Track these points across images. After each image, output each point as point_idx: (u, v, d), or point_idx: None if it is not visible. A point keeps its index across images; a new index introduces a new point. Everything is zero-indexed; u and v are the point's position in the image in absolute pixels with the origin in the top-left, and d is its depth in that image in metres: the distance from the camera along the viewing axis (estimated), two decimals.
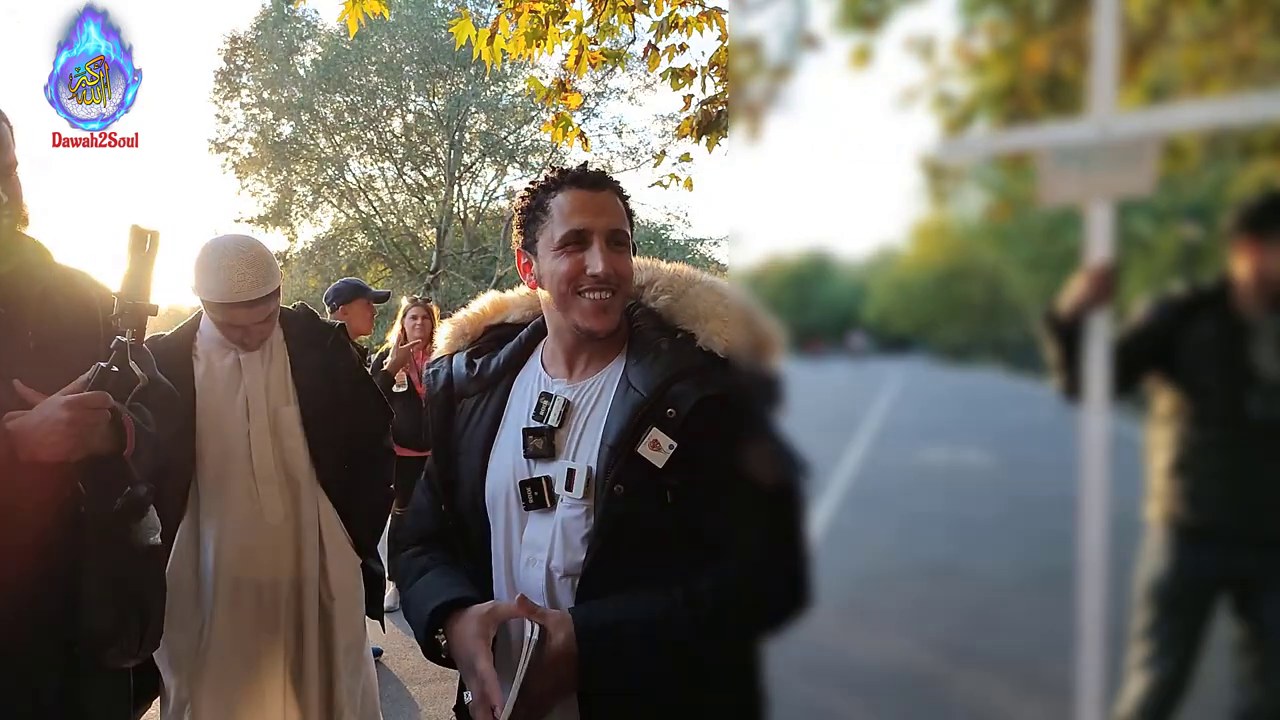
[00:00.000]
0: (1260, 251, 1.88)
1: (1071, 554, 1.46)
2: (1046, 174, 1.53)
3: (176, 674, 2.30)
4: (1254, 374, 1.86)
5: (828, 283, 2.33)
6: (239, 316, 2.25)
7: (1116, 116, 1.47)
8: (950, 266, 2.34)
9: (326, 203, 23.17)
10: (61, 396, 1.45)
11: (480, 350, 1.51)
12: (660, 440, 1.27)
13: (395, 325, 4.89)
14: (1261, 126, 1.56)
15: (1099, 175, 1.50)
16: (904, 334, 2.77)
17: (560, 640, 1.23)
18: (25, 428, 1.43)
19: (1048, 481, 1.78)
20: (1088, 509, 1.52)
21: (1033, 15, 1.72)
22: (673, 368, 1.31)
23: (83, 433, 1.45)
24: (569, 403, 1.37)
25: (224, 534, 2.28)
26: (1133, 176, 1.48)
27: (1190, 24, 1.63)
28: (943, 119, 1.69)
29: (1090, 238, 1.55)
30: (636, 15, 4.13)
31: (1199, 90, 1.63)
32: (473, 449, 1.44)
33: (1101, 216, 1.53)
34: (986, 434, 6.64)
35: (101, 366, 1.50)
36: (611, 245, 1.35)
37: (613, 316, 1.36)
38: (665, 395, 1.29)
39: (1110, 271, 1.58)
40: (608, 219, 1.36)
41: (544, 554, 1.34)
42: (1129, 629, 2.06)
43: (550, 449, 1.36)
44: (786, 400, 1.36)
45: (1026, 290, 2.10)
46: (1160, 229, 1.97)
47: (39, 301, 1.57)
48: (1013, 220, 1.96)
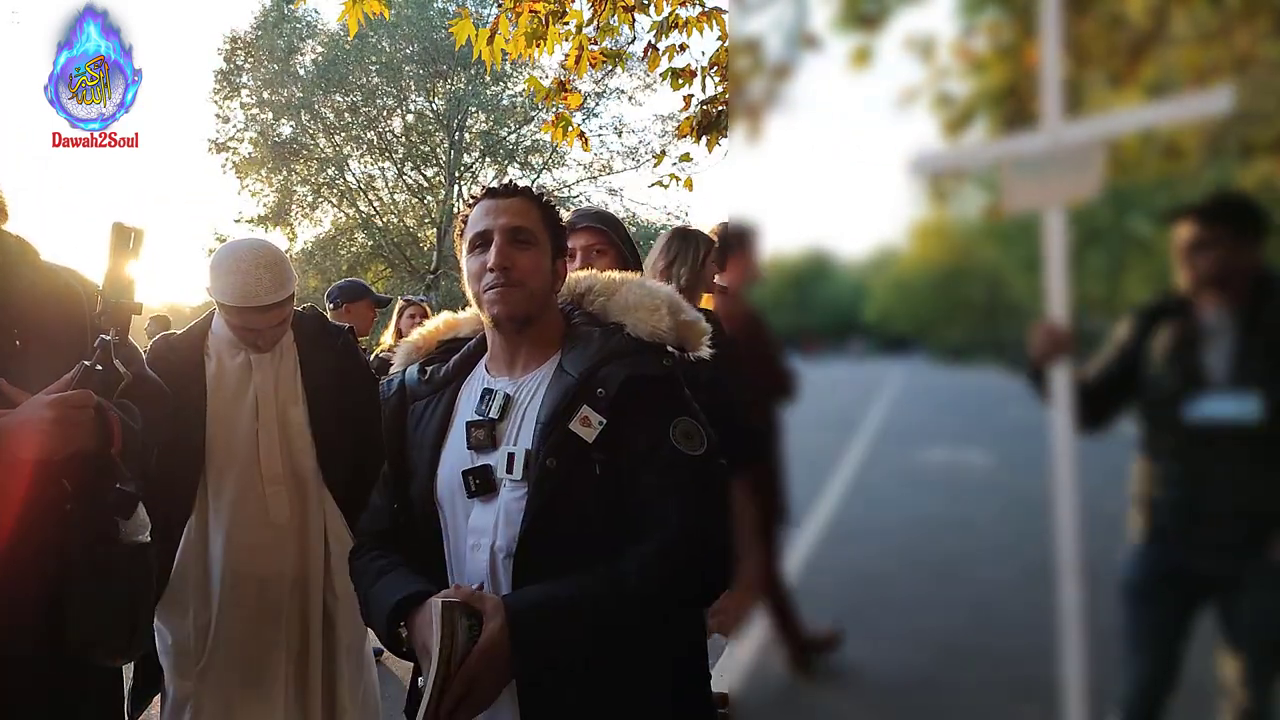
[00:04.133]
0: (1219, 246, 1.86)
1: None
2: (1008, 183, 1.62)
3: (179, 671, 2.30)
4: (1202, 377, 1.86)
5: (828, 283, 2.33)
6: (254, 320, 2.26)
7: (1066, 126, 1.56)
8: (950, 266, 2.35)
9: (326, 203, 23.17)
10: (45, 395, 1.45)
11: (432, 360, 1.61)
12: (590, 417, 1.37)
13: (390, 325, 4.89)
14: (1193, 126, 1.62)
15: (1052, 182, 1.59)
16: (904, 334, 2.77)
17: (495, 627, 1.28)
18: (9, 426, 1.43)
19: (1048, 481, 1.79)
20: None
21: (1032, 15, 1.73)
22: (602, 351, 1.42)
23: (67, 431, 1.45)
24: (509, 396, 1.47)
25: (230, 532, 2.28)
26: (1082, 181, 1.57)
27: (1190, 24, 1.63)
28: (943, 119, 1.70)
29: (1048, 242, 1.63)
30: (636, 15, 4.14)
31: (1199, 90, 1.63)
32: (423, 445, 1.52)
33: (1056, 222, 1.63)
34: (986, 434, 6.64)
35: (85, 365, 1.50)
36: (511, 242, 1.45)
37: (511, 304, 1.44)
38: (595, 376, 1.39)
39: (1064, 331, 1.70)
40: (508, 219, 1.47)
41: (488, 538, 1.42)
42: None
43: (491, 439, 1.44)
44: (700, 383, 1.47)
45: (1026, 290, 2.10)
46: (1160, 229, 1.96)
47: (24, 299, 1.57)
48: (1012, 220, 1.96)
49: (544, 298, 1.48)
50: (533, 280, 1.45)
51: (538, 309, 1.47)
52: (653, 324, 1.45)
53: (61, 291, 1.64)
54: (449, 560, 1.50)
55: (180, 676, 2.30)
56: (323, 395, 2.39)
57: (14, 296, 1.56)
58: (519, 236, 1.46)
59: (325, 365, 2.42)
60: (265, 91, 21.98)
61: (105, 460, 1.54)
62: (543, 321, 1.49)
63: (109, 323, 1.56)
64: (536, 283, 1.46)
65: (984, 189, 1.90)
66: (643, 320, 1.46)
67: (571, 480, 1.36)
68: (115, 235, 1.58)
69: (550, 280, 1.50)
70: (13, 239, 1.62)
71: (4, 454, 1.43)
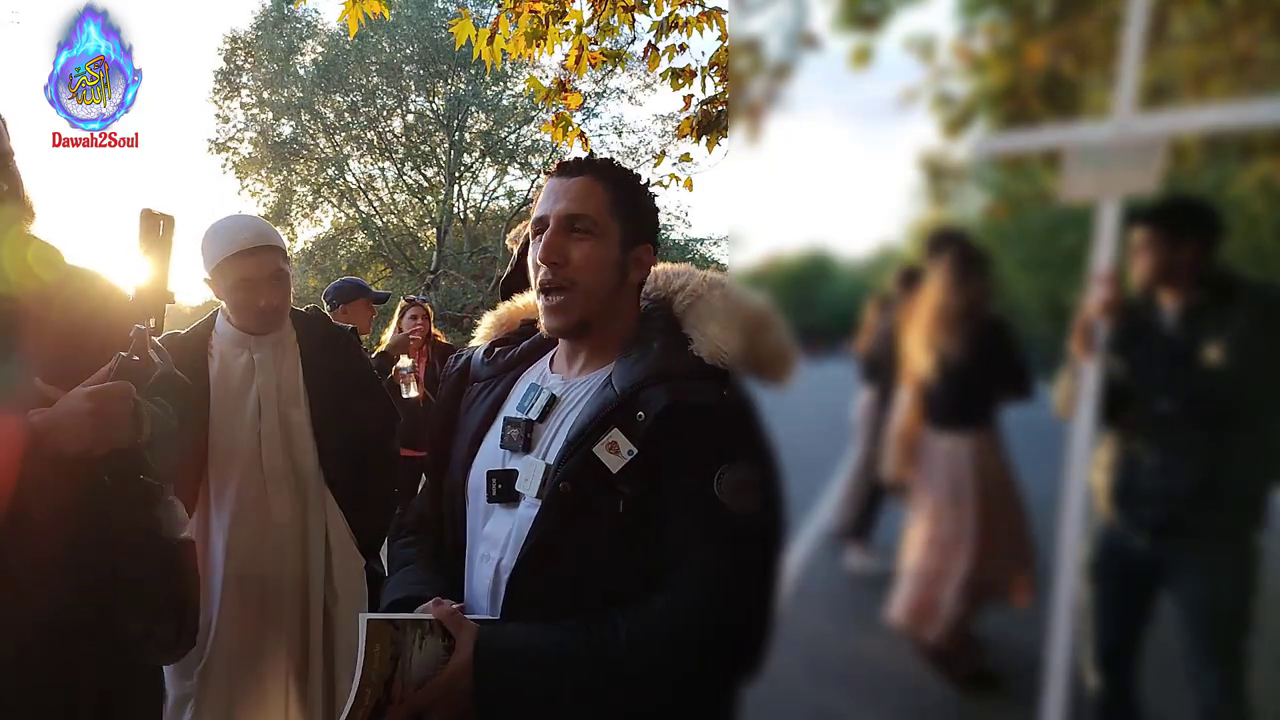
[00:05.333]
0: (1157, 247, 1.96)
1: None
2: (1069, 171, 1.57)
3: (179, 669, 2.30)
4: (1136, 370, 1.96)
5: (828, 283, 2.32)
6: (248, 268, 2.26)
7: (1134, 118, 1.51)
8: None
9: (326, 203, 23.16)
10: (84, 388, 1.44)
11: (505, 340, 1.47)
12: (619, 443, 1.16)
13: (392, 325, 4.89)
14: (1270, 130, 1.59)
15: (1113, 173, 1.54)
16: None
17: (459, 661, 1.14)
18: (49, 421, 1.42)
19: (1048, 481, 1.79)
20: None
21: (1033, 15, 1.73)
22: (652, 368, 1.20)
23: (107, 424, 1.43)
24: (555, 397, 1.30)
25: (232, 531, 2.29)
26: (1141, 175, 1.53)
27: (1190, 24, 1.63)
28: (943, 119, 1.69)
29: (1099, 235, 1.60)
30: (636, 15, 4.14)
31: (1199, 90, 1.63)
32: (467, 430, 1.39)
33: (1110, 214, 1.59)
34: None
35: (121, 355, 1.47)
36: (566, 231, 1.26)
37: (561, 315, 1.26)
38: (638, 396, 1.18)
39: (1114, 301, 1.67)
40: (566, 203, 1.26)
41: (497, 551, 1.26)
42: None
43: (525, 442, 1.28)
44: (761, 422, 1.23)
45: (1026, 290, 2.11)
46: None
47: (55, 302, 1.56)
48: (1013, 220, 1.97)
49: (605, 296, 1.28)
50: (588, 277, 1.25)
51: (595, 311, 1.27)
52: (718, 343, 1.20)
53: (91, 293, 1.64)
54: (465, 555, 1.35)
55: (180, 676, 2.30)
56: (325, 396, 2.39)
57: (45, 299, 1.55)
58: (576, 225, 1.26)
59: (327, 366, 2.43)
60: (265, 91, 21.97)
61: (134, 453, 1.52)
62: (608, 321, 1.29)
63: (142, 312, 1.53)
64: (594, 280, 1.26)
65: (984, 189, 1.90)
66: (710, 336, 1.22)
67: (588, 511, 1.17)
68: (145, 223, 1.56)
69: (617, 275, 1.28)
70: (40, 243, 1.61)
71: (46, 450, 1.41)
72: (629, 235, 1.29)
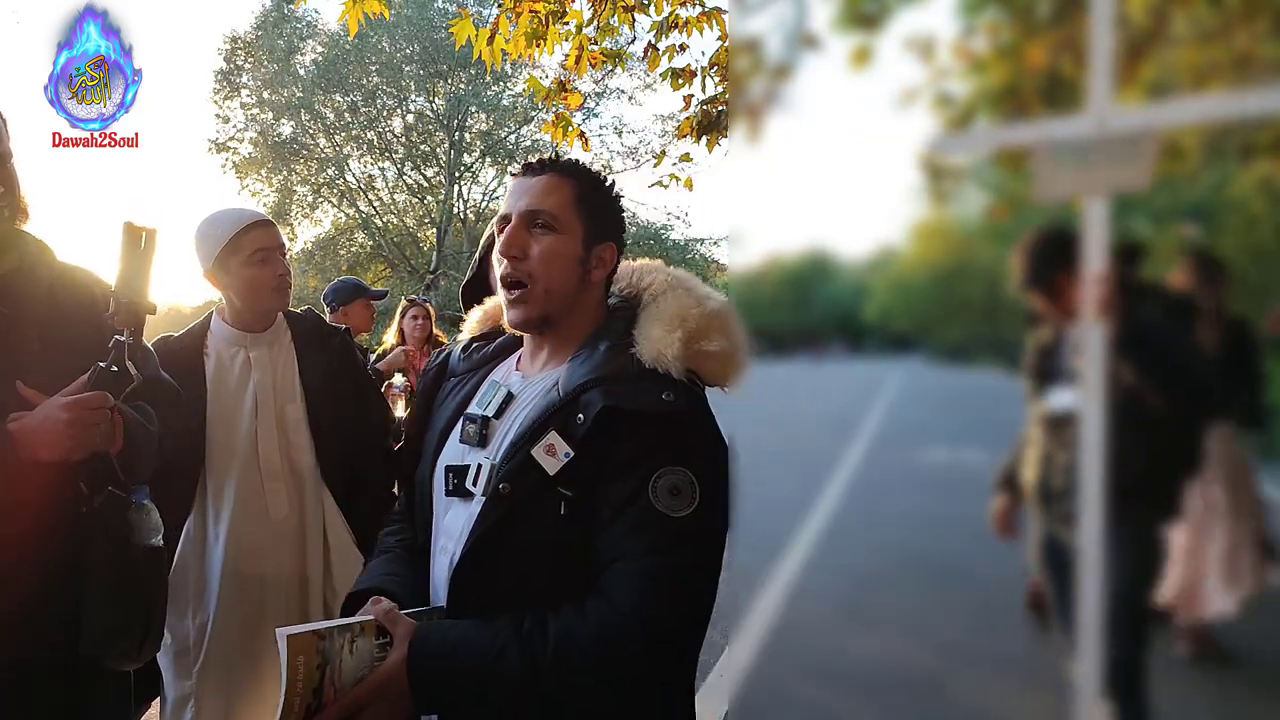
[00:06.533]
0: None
1: None
2: (1041, 170, 1.51)
3: (179, 669, 2.30)
4: (1046, 372, 2.00)
5: (828, 283, 2.33)
6: (260, 239, 2.27)
7: (1114, 111, 1.44)
8: (950, 266, 2.35)
9: (326, 203, 23.18)
10: (61, 397, 1.45)
11: (485, 336, 1.48)
12: (556, 445, 1.17)
13: (393, 325, 4.88)
14: (1259, 122, 1.55)
15: (1096, 170, 1.48)
16: (904, 334, 2.77)
17: (394, 660, 1.14)
18: (26, 428, 1.43)
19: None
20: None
21: (1032, 15, 1.73)
22: (594, 371, 1.20)
23: (83, 432, 1.45)
24: (511, 395, 1.31)
25: (230, 529, 2.28)
26: (1130, 171, 1.47)
27: (1190, 24, 1.63)
28: (942, 119, 1.69)
29: (1087, 233, 1.54)
30: (636, 15, 4.14)
31: (1199, 90, 1.63)
32: (436, 425, 1.41)
33: (1098, 212, 1.51)
34: (986, 434, 6.61)
35: (100, 366, 1.50)
36: (528, 227, 1.26)
37: (520, 310, 1.27)
38: (579, 399, 1.18)
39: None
40: (528, 200, 1.27)
41: (453, 544, 1.27)
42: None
43: (482, 438, 1.29)
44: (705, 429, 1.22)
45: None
46: (1160, 229, 1.97)
47: (43, 301, 1.57)
48: (1013, 220, 1.97)
49: (566, 292, 1.28)
50: (548, 271, 1.26)
51: (556, 306, 1.28)
52: (659, 347, 1.20)
53: (80, 293, 1.65)
54: (430, 554, 1.37)
55: (180, 676, 2.30)
56: (320, 394, 2.40)
57: (34, 298, 1.56)
58: (538, 220, 1.26)
59: (322, 365, 2.44)
60: (265, 91, 21.98)
61: (105, 461, 1.54)
62: (570, 318, 1.30)
63: (122, 323, 1.55)
64: (554, 275, 1.26)
65: (984, 189, 1.90)
66: (653, 339, 1.22)
67: (527, 512, 1.18)
68: (126, 235, 1.57)
69: (579, 271, 1.28)
70: (33, 240, 1.62)
71: (21, 456, 1.43)
72: (592, 232, 1.30)
